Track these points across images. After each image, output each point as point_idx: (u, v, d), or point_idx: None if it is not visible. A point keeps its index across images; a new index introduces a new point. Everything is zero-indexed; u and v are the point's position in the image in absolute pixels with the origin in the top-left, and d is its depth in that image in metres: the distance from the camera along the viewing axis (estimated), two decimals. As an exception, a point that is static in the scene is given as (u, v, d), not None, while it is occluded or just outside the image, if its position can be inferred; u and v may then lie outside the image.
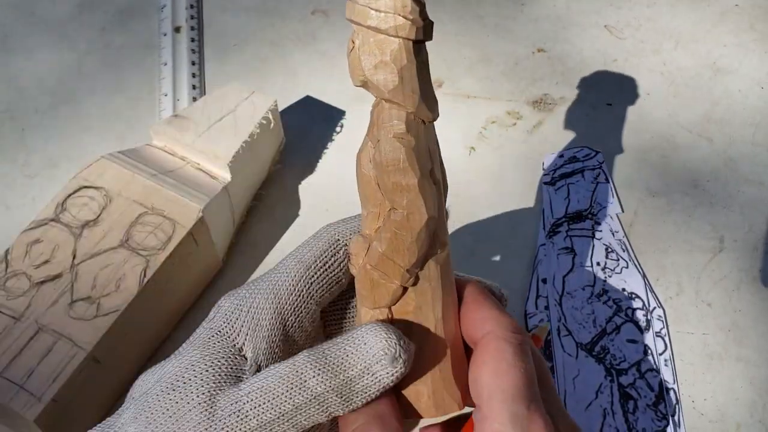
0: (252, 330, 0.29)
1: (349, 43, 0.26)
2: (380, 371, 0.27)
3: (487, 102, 0.58)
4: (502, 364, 0.27)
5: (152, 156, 0.47)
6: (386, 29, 0.25)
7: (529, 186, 0.53)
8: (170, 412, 0.27)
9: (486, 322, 0.28)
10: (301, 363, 0.27)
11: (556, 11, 0.64)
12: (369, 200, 0.28)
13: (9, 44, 0.61)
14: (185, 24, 0.61)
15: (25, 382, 0.37)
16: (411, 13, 0.24)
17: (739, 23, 0.63)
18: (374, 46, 0.25)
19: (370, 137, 0.27)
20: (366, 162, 0.27)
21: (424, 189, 0.27)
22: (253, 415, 0.27)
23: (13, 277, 0.40)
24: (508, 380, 0.26)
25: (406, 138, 0.26)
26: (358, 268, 0.29)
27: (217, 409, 0.27)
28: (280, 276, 0.30)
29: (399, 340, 0.26)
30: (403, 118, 0.26)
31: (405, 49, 0.25)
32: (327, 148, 0.55)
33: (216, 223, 0.46)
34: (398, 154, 0.26)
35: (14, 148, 0.55)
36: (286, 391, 0.27)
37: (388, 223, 0.27)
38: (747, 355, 0.46)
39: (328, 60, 0.60)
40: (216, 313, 0.30)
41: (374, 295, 0.28)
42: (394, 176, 0.26)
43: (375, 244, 0.27)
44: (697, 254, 0.50)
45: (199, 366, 0.28)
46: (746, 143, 0.56)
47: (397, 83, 0.25)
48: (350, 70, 0.26)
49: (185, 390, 0.27)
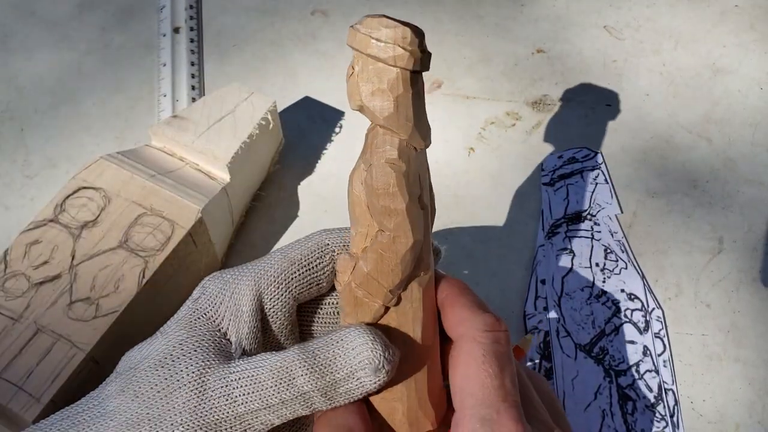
0: (234, 315, 0.30)
1: (348, 68, 0.27)
2: (364, 378, 0.28)
3: (486, 102, 0.58)
4: (471, 367, 0.27)
5: (151, 157, 0.47)
6: (385, 58, 0.25)
7: (528, 187, 0.53)
8: (158, 388, 0.28)
9: (459, 325, 0.28)
10: (291, 359, 0.28)
11: (555, 11, 0.64)
12: (358, 220, 0.29)
13: (9, 44, 0.61)
14: (184, 24, 0.61)
15: (24, 383, 0.37)
16: (410, 44, 0.25)
17: (739, 23, 0.63)
18: (372, 73, 0.26)
19: (363, 160, 0.28)
20: (358, 183, 0.28)
21: (411, 213, 0.27)
22: (242, 402, 0.27)
23: (12, 278, 0.40)
24: (476, 383, 0.26)
25: (398, 164, 0.27)
26: (342, 285, 0.30)
27: (207, 389, 0.28)
28: (264, 266, 0.31)
29: (384, 351, 0.27)
30: (396, 145, 0.27)
31: (402, 78, 0.26)
32: (326, 148, 0.55)
33: (215, 223, 0.46)
34: (389, 179, 0.27)
35: (14, 148, 0.55)
36: (274, 385, 0.28)
37: (375, 245, 0.28)
38: (746, 355, 0.46)
39: (328, 60, 0.60)
40: (201, 294, 0.31)
41: (357, 312, 0.29)
42: (383, 200, 0.27)
43: (361, 264, 0.29)
44: (697, 255, 0.50)
45: (187, 345, 0.29)
46: (746, 143, 0.56)
47: (392, 111, 0.26)
48: (348, 95, 0.27)
49: (174, 367, 0.28)
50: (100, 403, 0.28)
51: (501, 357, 0.27)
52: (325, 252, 0.32)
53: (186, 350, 0.29)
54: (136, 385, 0.28)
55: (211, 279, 0.31)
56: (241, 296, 0.30)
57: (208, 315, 0.30)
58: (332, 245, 0.32)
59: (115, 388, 0.28)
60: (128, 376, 0.28)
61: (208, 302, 0.30)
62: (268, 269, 0.31)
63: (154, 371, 0.28)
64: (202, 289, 0.31)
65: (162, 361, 0.28)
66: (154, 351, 0.29)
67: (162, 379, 0.28)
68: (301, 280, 0.31)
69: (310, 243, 0.32)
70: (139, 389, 0.28)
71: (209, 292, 0.31)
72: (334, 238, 0.32)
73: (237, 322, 0.30)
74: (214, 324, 0.30)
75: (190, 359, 0.28)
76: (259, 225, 0.51)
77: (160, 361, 0.28)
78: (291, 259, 0.31)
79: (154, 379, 0.28)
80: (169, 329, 0.30)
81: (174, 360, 0.28)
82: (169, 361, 0.28)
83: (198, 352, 0.29)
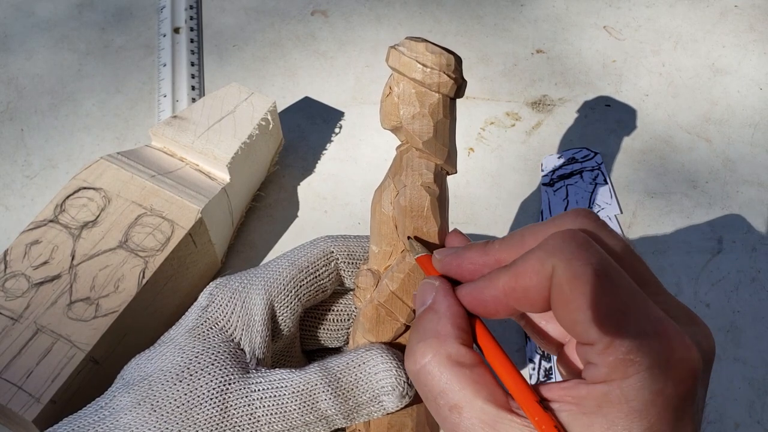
0: (246, 325, 0.30)
1: (385, 89, 0.27)
2: (387, 402, 0.28)
3: (486, 103, 0.58)
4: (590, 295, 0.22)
5: (151, 157, 0.47)
6: (430, 84, 0.26)
7: (527, 187, 0.53)
8: (178, 403, 0.27)
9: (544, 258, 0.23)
10: (314, 383, 0.28)
11: (555, 12, 0.64)
12: (384, 239, 0.29)
13: (9, 44, 0.61)
14: (184, 25, 0.61)
15: (23, 383, 0.37)
16: (454, 72, 0.26)
17: (739, 24, 0.63)
18: (415, 97, 0.26)
19: (393, 180, 0.28)
20: (387, 203, 0.28)
21: (441, 237, 0.28)
22: (265, 422, 0.27)
23: (12, 278, 0.40)
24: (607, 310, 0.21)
25: (433, 188, 0.27)
26: (364, 302, 0.30)
27: (229, 407, 0.27)
28: (272, 275, 0.31)
29: (408, 377, 0.27)
30: (432, 169, 0.27)
31: (443, 104, 0.26)
32: (326, 149, 0.55)
33: (215, 224, 0.46)
34: (423, 202, 0.27)
35: (14, 149, 0.55)
36: (298, 408, 0.28)
37: (402, 264, 0.28)
38: (745, 355, 0.46)
39: (328, 61, 0.60)
40: (210, 302, 0.30)
41: (378, 330, 0.30)
42: (416, 222, 0.27)
43: (386, 282, 0.29)
44: (696, 255, 0.50)
45: (204, 358, 0.28)
46: (745, 144, 0.56)
47: (432, 136, 0.27)
48: (384, 114, 0.27)
49: (193, 382, 0.28)
50: (112, 414, 0.27)
51: (609, 262, 0.22)
52: (330, 259, 0.32)
53: (203, 364, 0.28)
54: (153, 398, 0.27)
55: (218, 287, 0.31)
56: (253, 305, 0.30)
57: (220, 325, 0.30)
58: (336, 253, 0.32)
59: (129, 400, 0.28)
60: (143, 388, 0.28)
61: (219, 311, 0.30)
62: (277, 277, 0.31)
63: (172, 385, 0.28)
64: (211, 297, 0.31)
65: (179, 375, 0.28)
66: (169, 363, 0.28)
67: (181, 393, 0.27)
68: (309, 287, 0.31)
69: (315, 250, 0.32)
70: (157, 403, 0.27)
71: (219, 300, 0.30)
72: (339, 245, 0.32)
73: (250, 332, 0.30)
74: (227, 334, 0.30)
75: (209, 374, 0.28)
76: (259, 225, 0.51)
77: (177, 375, 0.28)
78: (299, 267, 0.31)
79: (173, 393, 0.27)
80: (181, 339, 0.30)
81: (192, 374, 0.28)
82: (187, 375, 0.28)
83: (216, 366, 0.28)
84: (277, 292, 0.30)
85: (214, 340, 0.29)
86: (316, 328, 0.34)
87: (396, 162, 0.28)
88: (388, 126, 0.27)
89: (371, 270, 0.30)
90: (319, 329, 0.34)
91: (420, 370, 0.23)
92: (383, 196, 0.28)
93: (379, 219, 0.28)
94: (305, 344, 0.35)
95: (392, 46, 0.26)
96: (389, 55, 0.27)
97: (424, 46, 0.26)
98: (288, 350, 0.34)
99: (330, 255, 0.32)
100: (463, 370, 0.23)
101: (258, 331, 0.30)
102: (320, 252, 0.32)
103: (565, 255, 0.22)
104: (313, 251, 0.32)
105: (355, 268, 0.33)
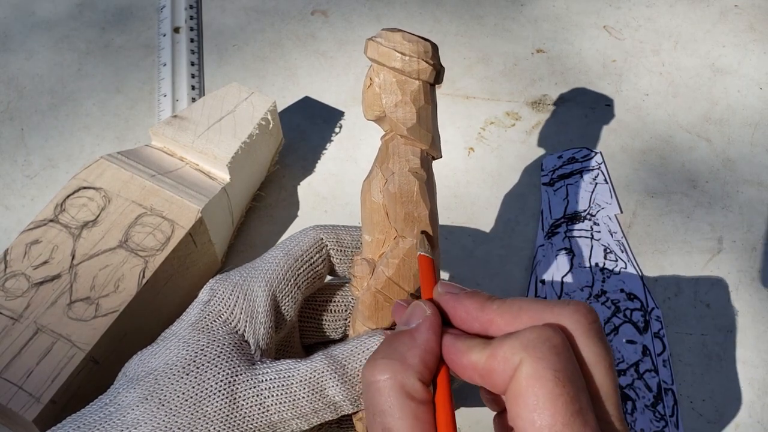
0: (250, 317, 0.30)
1: (366, 80, 0.28)
2: None
3: (486, 102, 0.58)
4: (540, 395, 0.23)
5: (151, 157, 0.47)
6: (409, 72, 0.27)
7: (527, 187, 0.53)
8: (186, 396, 0.27)
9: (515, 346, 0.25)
10: (321, 370, 0.28)
11: (555, 11, 0.64)
12: (376, 227, 0.29)
13: (9, 44, 0.61)
14: (184, 24, 0.61)
15: (23, 383, 0.37)
16: (432, 58, 0.27)
17: (739, 23, 0.63)
18: (395, 86, 0.27)
19: (381, 168, 0.29)
20: (376, 191, 0.29)
21: (432, 219, 0.29)
22: (275, 411, 0.28)
23: (12, 278, 0.40)
24: (550, 413, 0.23)
25: (420, 172, 0.28)
26: (362, 290, 0.30)
27: (238, 397, 0.28)
28: (270, 266, 0.32)
29: None
30: (418, 154, 0.28)
31: (423, 90, 0.27)
32: (326, 148, 0.55)
33: (215, 223, 0.46)
34: (413, 187, 0.28)
35: (14, 148, 0.55)
36: (307, 396, 0.28)
37: (396, 250, 0.29)
38: (745, 355, 0.46)
39: (327, 60, 0.60)
40: (211, 296, 0.31)
41: (377, 316, 0.30)
42: (406, 207, 0.28)
43: (382, 269, 0.29)
44: (696, 255, 0.50)
45: (210, 350, 0.29)
46: (745, 144, 0.56)
47: (415, 122, 0.27)
48: (366, 105, 0.28)
49: (200, 375, 0.28)
50: (118, 410, 0.27)
51: (573, 372, 0.23)
52: (321, 246, 0.33)
53: (210, 356, 0.28)
54: (161, 393, 0.27)
55: (218, 281, 0.31)
56: (255, 297, 0.30)
57: (224, 318, 0.30)
58: (326, 240, 0.33)
59: (136, 396, 0.28)
60: (149, 383, 0.28)
61: (222, 304, 0.30)
62: (275, 268, 0.31)
63: (179, 379, 0.28)
64: (212, 292, 0.31)
65: (186, 368, 0.28)
66: (174, 357, 0.29)
67: (189, 387, 0.28)
68: (306, 275, 0.32)
69: (307, 238, 0.33)
70: (165, 398, 0.27)
71: (220, 294, 0.31)
72: (328, 233, 0.33)
73: (254, 323, 0.30)
74: (231, 326, 0.30)
75: (217, 366, 0.28)
76: (259, 225, 0.51)
77: (183, 368, 0.28)
78: (294, 256, 0.32)
79: (181, 387, 0.28)
80: (185, 333, 0.30)
81: (199, 367, 0.28)
82: (194, 368, 0.28)
83: (222, 358, 0.28)
84: (277, 282, 0.31)
85: (219, 332, 0.29)
86: (314, 320, 0.35)
87: (382, 151, 0.29)
88: (372, 116, 0.28)
89: (366, 259, 0.30)
90: (317, 321, 0.35)
91: (373, 383, 0.24)
92: (372, 185, 0.29)
93: (369, 208, 0.29)
94: (304, 338, 0.35)
95: (369, 38, 0.27)
96: (367, 47, 0.27)
97: (401, 35, 0.26)
98: (288, 342, 0.34)
99: (320, 242, 0.33)
100: (410, 402, 0.24)
101: (262, 322, 0.30)
102: (311, 240, 0.33)
103: (536, 353, 0.23)
104: (304, 239, 0.33)
105: (344, 256, 0.33)
